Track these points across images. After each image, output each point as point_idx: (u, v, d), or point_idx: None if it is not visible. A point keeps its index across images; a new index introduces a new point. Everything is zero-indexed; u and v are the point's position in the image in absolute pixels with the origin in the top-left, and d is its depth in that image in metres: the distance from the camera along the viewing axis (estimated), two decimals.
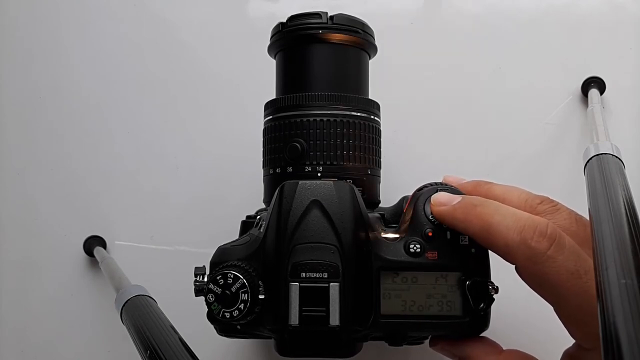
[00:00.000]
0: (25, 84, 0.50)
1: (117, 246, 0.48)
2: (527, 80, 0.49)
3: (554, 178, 0.47)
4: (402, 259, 0.31)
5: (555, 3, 0.49)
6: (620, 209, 0.25)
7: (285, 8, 0.50)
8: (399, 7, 0.50)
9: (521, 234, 0.28)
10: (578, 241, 0.29)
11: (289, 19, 0.35)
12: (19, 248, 0.49)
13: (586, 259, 0.28)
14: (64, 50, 0.51)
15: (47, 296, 0.48)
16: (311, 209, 0.30)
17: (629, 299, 0.19)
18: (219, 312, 0.30)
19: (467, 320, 0.32)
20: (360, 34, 0.35)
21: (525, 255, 0.28)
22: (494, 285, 0.31)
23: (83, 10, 0.51)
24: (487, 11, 0.50)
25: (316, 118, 0.33)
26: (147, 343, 0.29)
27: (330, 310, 0.29)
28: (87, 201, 0.49)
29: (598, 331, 0.19)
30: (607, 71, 0.48)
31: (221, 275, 0.30)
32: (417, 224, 0.32)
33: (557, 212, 0.31)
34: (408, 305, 0.31)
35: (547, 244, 0.27)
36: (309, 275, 0.30)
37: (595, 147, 0.33)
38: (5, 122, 0.50)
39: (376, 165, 0.36)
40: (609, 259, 0.21)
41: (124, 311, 0.34)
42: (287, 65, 0.36)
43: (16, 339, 0.48)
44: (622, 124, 0.47)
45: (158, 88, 0.50)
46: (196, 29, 0.51)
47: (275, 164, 0.34)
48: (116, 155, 0.49)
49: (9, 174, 0.50)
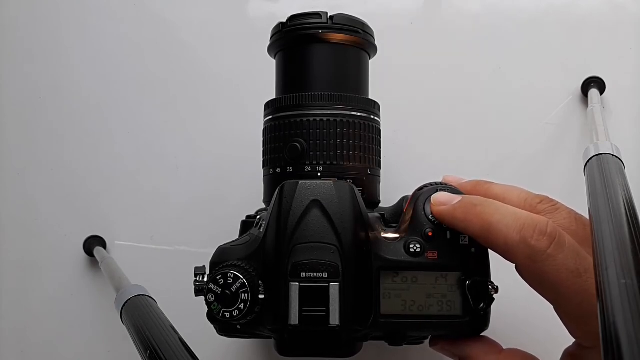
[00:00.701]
0: (25, 84, 0.50)
1: (117, 246, 0.48)
2: (527, 80, 0.49)
3: (554, 178, 0.47)
4: (402, 259, 0.31)
5: (555, 3, 0.49)
6: (620, 209, 0.25)
7: (285, 8, 0.50)
8: (399, 7, 0.50)
9: (521, 232, 0.28)
10: (578, 240, 0.29)
11: (289, 19, 0.35)
12: (19, 248, 0.49)
13: (586, 258, 0.28)
14: (64, 50, 0.51)
15: (47, 296, 0.48)
16: (311, 208, 0.30)
17: (629, 299, 0.19)
18: (219, 312, 0.30)
19: (467, 320, 0.32)
20: (360, 34, 0.35)
21: (525, 254, 0.28)
22: (494, 285, 0.31)
23: (83, 10, 0.51)
24: (487, 11, 0.50)
25: (316, 118, 0.33)
26: (147, 343, 0.29)
27: (330, 310, 0.29)
28: (87, 201, 0.49)
29: (598, 330, 0.19)
30: (607, 71, 0.48)
31: (221, 275, 0.30)
32: (417, 224, 0.32)
33: (556, 212, 0.31)
34: (408, 305, 0.31)
35: (547, 242, 0.27)
36: (309, 275, 0.30)
37: (595, 147, 0.33)
38: (5, 122, 0.50)
39: (376, 165, 0.36)
40: (609, 259, 0.21)
41: (124, 311, 0.34)
42: (287, 65, 0.36)
43: (16, 339, 0.48)
44: (622, 124, 0.47)
45: (158, 88, 0.50)
46: (196, 29, 0.51)
47: (275, 164, 0.34)
48: (116, 155, 0.49)
49: (9, 174, 0.50)
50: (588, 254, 0.28)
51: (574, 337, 0.29)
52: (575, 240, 0.28)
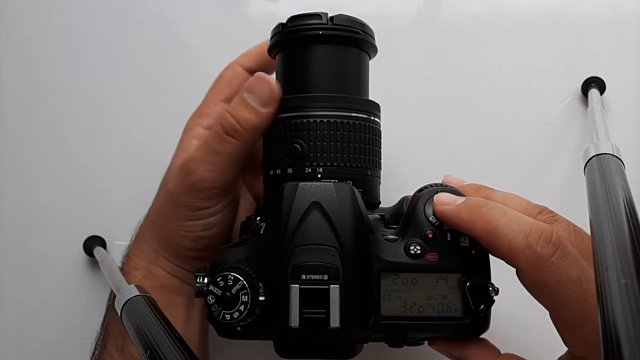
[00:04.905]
0: (25, 84, 0.50)
1: (117, 246, 0.48)
2: (527, 80, 0.49)
3: (554, 178, 0.47)
4: (403, 261, 0.32)
5: (555, 3, 0.49)
6: (620, 209, 0.25)
7: (285, 8, 0.50)
8: (399, 7, 0.50)
9: (527, 238, 0.28)
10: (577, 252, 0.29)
11: (289, 20, 0.35)
12: (19, 248, 0.49)
13: (586, 268, 0.28)
14: (64, 50, 0.51)
15: (47, 296, 0.48)
16: (311, 210, 0.30)
17: (629, 299, 0.19)
18: (220, 314, 0.30)
19: (468, 322, 0.32)
20: (360, 35, 0.35)
21: (530, 259, 0.28)
22: (494, 286, 0.31)
23: (83, 10, 0.51)
24: (487, 11, 0.50)
25: (316, 119, 0.33)
26: (147, 343, 0.29)
27: (330, 312, 0.29)
28: (87, 201, 0.49)
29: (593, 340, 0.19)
30: (607, 71, 0.48)
31: (221, 277, 0.30)
32: (417, 226, 0.32)
33: (556, 223, 0.31)
34: (408, 307, 0.31)
35: (552, 249, 0.28)
36: (309, 277, 0.30)
37: (595, 147, 0.33)
38: (5, 122, 0.50)
39: (376, 166, 0.36)
40: (609, 259, 0.22)
41: (124, 311, 0.34)
42: (287, 66, 0.36)
43: (16, 339, 0.48)
44: (622, 124, 0.47)
45: (158, 88, 0.50)
46: (196, 29, 0.51)
47: (275, 165, 0.34)
48: (116, 155, 0.49)
49: (9, 174, 0.50)
50: (587, 265, 0.28)
51: (567, 345, 0.30)
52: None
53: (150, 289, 0.34)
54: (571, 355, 0.30)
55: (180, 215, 0.35)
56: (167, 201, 0.36)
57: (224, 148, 0.34)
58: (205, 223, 0.35)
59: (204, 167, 0.34)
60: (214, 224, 0.36)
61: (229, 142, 0.34)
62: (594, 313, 0.20)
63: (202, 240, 0.36)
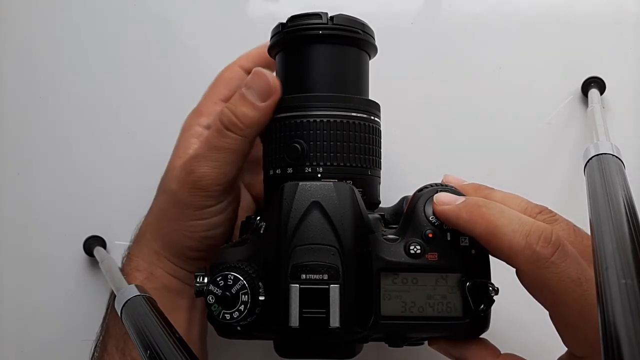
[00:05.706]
0: (25, 84, 0.50)
1: (117, 246, 0.48)
2: (527, 80, 0.49)
3: (554, 178, 0.47)
4: (403, 260, 0.32)
5: (555, 3, 0.49)
6: (620, 209, 0.25)
7: (285, 8, 0.50)
8: (399, 7, 0.50)
9: (527, 238, 0.28)
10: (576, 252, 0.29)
11: (289, 20, 0.35)
12: (19, 248, 0.49)
13: (586, 268, 0.28)
14: (64, 50, 0.51)
15: (47, 296, 0.48)
16: (311, 210, 0.30)
17: (629, 299, 0.19)
18: (220, 314, 0.30)
19: (467, 321, 0.32)
20: (360, 35, 0.35)
21: (530, 259, 0.28)
22: (494, 286, 0.31)
23: (83, 10, 0.51)
24: (487, 11, 0.50)
25: (316, 119, 0.33)
26: (147, 343, 0.29)
27: (330, 312, 0.29)
28: (87, 201, 0.49)
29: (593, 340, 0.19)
30: (607, 71, 0.48)
31: (221, 276, 0.30)
32: (417, 225, 0.32)
33: (555, 223, 0.31)
34: (408, 307, 0.31)
35: (552, 250, 0.28)
36: (309, 276, 0.30)
37: (595, 147, 0.33)
38: (5, 122, 0.50)
39: (376, 166, 0.36)
40: (609, 259, 0.22)
41: (124, 311, 0.34)
42: (287, 66, 0.36)
43: (16, 339, 0.48)
44: (622, 124, 0.47)
45: (158, 88, 0.50)
46: (196, 29, 0.51)
47: (275, 165, 0.34)
48: (116, 155, 0.49)
49: (9, 174, 0.50)
50: (587, 265, 0.28)
51: (567, 345, 0.29)
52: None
53: (152, 291, 0.34)
54: (571, 355, 0.30)
55: (183, 215, 0.35)
56: (170, 202, 0.36)
57: (224, 144, 0.34)
58: (209, 223, 0.36)
59: (206, 164, 0.34)
60: (218, 224, 0.36)
61: (229, 137, 0.34)
62: (594, 313, 0.20)
63: (205, 241, 0.36)
